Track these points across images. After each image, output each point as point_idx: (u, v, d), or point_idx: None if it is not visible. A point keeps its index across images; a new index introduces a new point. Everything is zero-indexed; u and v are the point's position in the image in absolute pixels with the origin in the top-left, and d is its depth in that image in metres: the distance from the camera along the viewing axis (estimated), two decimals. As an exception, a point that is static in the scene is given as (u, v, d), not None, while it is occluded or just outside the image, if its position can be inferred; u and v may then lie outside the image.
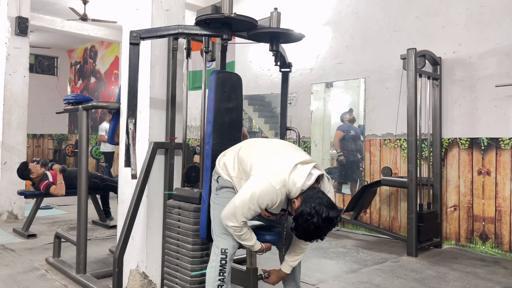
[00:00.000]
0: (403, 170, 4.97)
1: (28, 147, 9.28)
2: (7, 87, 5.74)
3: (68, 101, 3.56)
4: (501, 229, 4.29)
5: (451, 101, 4.68)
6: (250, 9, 6.46)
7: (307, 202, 1.93)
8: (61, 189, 4.82)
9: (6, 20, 5.75)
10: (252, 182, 2.05)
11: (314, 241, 2.00)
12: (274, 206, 2.06)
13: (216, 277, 2.15)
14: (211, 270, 2.17)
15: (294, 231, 1.99)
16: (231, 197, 2.15)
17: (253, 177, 2.06)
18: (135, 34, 2.42)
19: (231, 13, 2.30)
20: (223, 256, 2.15)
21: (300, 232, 1.96)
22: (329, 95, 5.88)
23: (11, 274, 3.46)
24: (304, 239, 2.01)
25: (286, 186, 1.99)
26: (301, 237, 1.99)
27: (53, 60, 12.21)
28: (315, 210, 1.89)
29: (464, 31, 4.60)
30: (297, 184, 1.98)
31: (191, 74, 5.48)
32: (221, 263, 2.15)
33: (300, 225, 1.93)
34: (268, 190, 1.98)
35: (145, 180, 2.89)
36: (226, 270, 2.15)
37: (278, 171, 2.01)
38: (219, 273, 2.14)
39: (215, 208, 2.27)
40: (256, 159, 2.13)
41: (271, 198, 2.00)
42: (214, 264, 2.17)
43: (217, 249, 2.18)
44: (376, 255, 4.26)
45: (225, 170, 2.25)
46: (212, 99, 2.43)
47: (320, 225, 1.89)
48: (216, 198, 2.28)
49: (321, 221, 1.89)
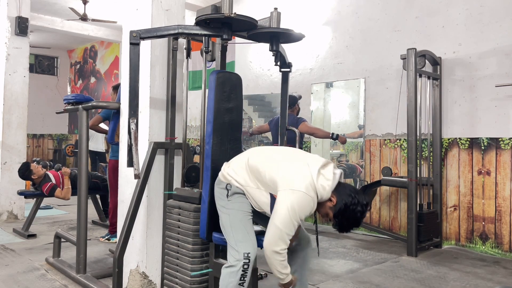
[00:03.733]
0: (403, 170, 4.97)
1: (28, 147, 9.27)
2: (7, 87, 5.74)
3: (68, 101, 3.56)
4: (501, 229, 4.29)
5: (451, 101, 4.68)
6: (250, 9, 6.46)
7: (344, 196, 2.06)
8: (68, 193, 4.83)
9: (6, 20, 5.75)
10: (285, 198, 2.02)
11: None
12: (308, 214, 2.08)
13: (237, 281, 2.07)
14: (231, 274, 2.07)
15: (338, 226, 2.09)
16: (246, 202, 2.19)
17: (284, 193, 2.03)
18: (135, 34, 2.42)
19: (231, 13, 2.30)
20: (246, 261, 2.07)
21: (348, 223, 2.08)
22: (329, 95, 5.88)
23: (11, 274, 3.46)
24: (349, 230, 2.12)
25: (316, 191, 2.04)
26: (349, 227, 2.10)
27: (53, 60, 12.21)
28: (357, 199, 2.05)
29: (464, 31, 4.60)
30: (326, 188, 2.05)
31: (191, 74, 5.49)
32: (244, 267, 2.06)
33: (348, 217, 2.05)
34: (305, 200, 2.01)
35: (145, 180, 2.89)
36: (247, 274, 2.08)
37: (305, 179, 2.04)
38: (240, 278, 2.06)
39: (229, 214, 2.20)
40: (275, 170, 2.12)
41: (310, 206, 2.04)
42: (235, 269, 2.07)
43: (238, 254, 2.08)
44: (376, 255, 4.26)
45: (235, 179, 2.22)
46: (212, 99, 2.43)
47: (364, 210, 2.06)
48: (229, 203, 2.21)
49: (364, 207, 2.06)
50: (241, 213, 2.20)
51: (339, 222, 2.08)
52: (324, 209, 2.12)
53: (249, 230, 2.19)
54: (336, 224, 2.11)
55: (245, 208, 2.22)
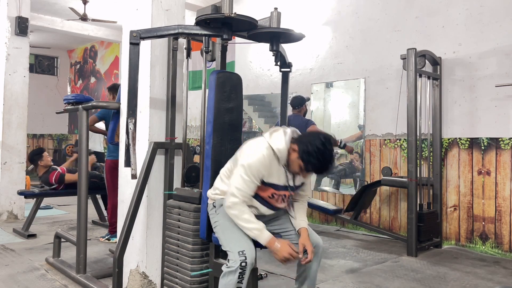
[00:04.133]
0: (403, 170, 4.97)
1: (28, 147, 9.25)
2: (7, 87, 5.74)
3: (68, 101, 3.56)
4: (501, 229, 4.29)
5: (451, 101, 4.68)
6: (250, 9, 6.46)
7: (303, 138, 2.19)
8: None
9: (6, 20, 5.75)
10: (240, 163, 2.18)
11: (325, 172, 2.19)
12: (273, 174, 2.18)
13: (236, 279, 2.03)
14: (229, 273, 2.04)
15: (311, 166, 2.11)
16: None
17: (239, 162, 2.20)
18: (135, 34, 2.42)
19: (231, 13, 2.30)
20: (242, 258, 2.03)
21: (317, 160, 2.08)
22: (329, 95, 5.88)
23: (11, 274, 3.46)
24: (323, 168, 2.13)
25: (271, 148, 2.17)
26: (320, 164, 2.10)
27: (53, 60, 12.21)
28: (314, 136, 2.16)
29: (464, 31, 4.60)
30: (280, 140, 2.18)
31: (191, 74, 5.49)
32: (241, 265, 2.02)
33: (311, 153, 2.08)
34: (256, 158, 2.15)
35: (145, 180, 2.89)
36: (245, 272, 2.03)
37: (257, 144, 2.21)
38: (239, 276, 2.02)
39: (220, 223, 2.24)
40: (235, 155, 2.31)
41: (262, 164, 2.14)
42: (232, 268, 2.04)
43: (233, 254, 2.07)
44: (376, 255, 4.26)
45: (219, 189, 2.30)
46: (212, 99, 2.43)
47: (324, 142, 2.10)
48: (219, 215, 2.26)
49: (324, 139, 2.11)
50: (230, 219, 2.21)
51: (308, 161, 2.10)
52: (293, 163, 2.17)
53: (240, 230, 2.18)
54: (307, 165, 2.12)
55: None
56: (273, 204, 2.29)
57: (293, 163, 2.18)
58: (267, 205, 2.29)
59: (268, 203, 2.28)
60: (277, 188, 2.24)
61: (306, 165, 2.12)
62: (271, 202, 2.28)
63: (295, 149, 2.15)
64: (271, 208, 2.31)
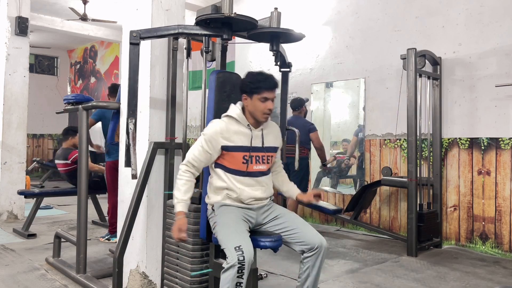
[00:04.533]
0: (403, 170, 4.97)
1: (28, 147, 9.27)
2: (7, 87, 5.74)
3: (68, 101, 3.56)
4: (501, 229, 4.29)
5: (451, 101, 4.68)
6: (250, 9, 6.46)
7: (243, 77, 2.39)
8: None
9: (6, 20, 5.75)
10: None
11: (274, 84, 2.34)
12: (233, 137, 2.27)
13: (234, 274, 1.99)
14: (228, 269, 2.02)
15: (257, 85, 2.28)
16: (232, 208, 2.28)
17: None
18: (135, 34, 2.42)
19: (231, 13, 2.30)
20: (239, 253, 2.00)
21: (257, 76, 2.31)
22: (329, 95, 5.88)
23: (11, 274, 3.46)
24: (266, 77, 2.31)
25: (226, 116, 2.34)
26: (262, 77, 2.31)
27: (53, 60, 12.21)
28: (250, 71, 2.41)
29: (464, 31, 4.60)
30: (233, 107, 2.36)
31: (191, 74, 5.48)
32: (239, 259, 1.99)
33: (252, 76, 2.32)
34: (212, 125, 2.31)
35: (145, 180, 2.89)
36: (244, 267, 2.00)
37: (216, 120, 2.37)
38: (238, 271, 2.00)
39: (218, 223, 2.25)
40: None
41: (219, 128, 2.28)
42: (231, 264, 2.01)
43: (230, 251, 2.04)
44: (376, 255, 4.26)
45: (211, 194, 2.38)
46: (212, 99, 2.43)
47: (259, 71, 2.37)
48: (217, 216, 2.29)
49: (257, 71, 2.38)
50: (228, 218, 2.23)
51: (257, 82, 2.28)
52: (253, 106, 2.30)
53: (238, 228, 2.18)
54: (258, 87, 2.27)
55: (232, 212, 2.27)
56: (251, 169, 2.32)
57: (253, 106, 2.30)
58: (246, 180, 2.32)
59: (246, 173, 2.32)
60: (245, 149, 2.31)
61: (258, 88, 2.27)
62: (249, 169, 2.32)
63: (245, 97, 2.32)
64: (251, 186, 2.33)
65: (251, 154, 2.32)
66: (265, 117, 2.33)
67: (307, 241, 2.25)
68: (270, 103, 2.32)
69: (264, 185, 2.39)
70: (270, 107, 2.31)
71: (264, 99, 2.29)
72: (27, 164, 6.31)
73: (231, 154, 2.29)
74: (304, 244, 2.26)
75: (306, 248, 2.25)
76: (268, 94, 2.30)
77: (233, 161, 2.31)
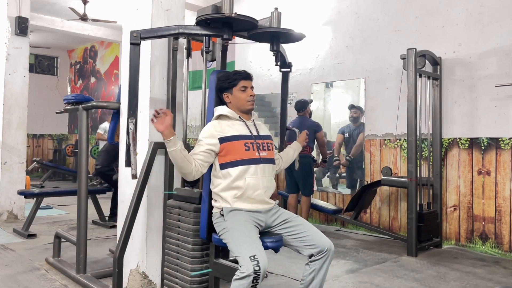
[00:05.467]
0: (403, 170, 4.97)
1: (28, 147, 9.27)
2: (7, 87, 5.74)
3: (68, 101, 3.56)
4: (501, 229, 4.29)
5: (451, 101, 4.68)
6: (250, 9, 6.46)
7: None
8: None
9: (6, 20, 5.75)
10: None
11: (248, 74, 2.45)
12: (227, 129, 2.34)
13: (249, 284, 1.96)
14: (242, 279, 1.98)
15: (236, 77, 2.40)
16: (242, 213, 2.25)
17: None
18: (136, 34, 2.42)
19: (231, 13, 2.30)
20: (255, 262, 1.96)
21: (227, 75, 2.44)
22: (329, 95, 5.88)
23: (11, 274, 3.46)
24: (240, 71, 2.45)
25: (216, 117, 2.41)
26: (238, 71, 2.45)
27: (53, 60, 12.21)
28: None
29: (464, 31, 4.60)
30: (219, 107, 2.42)
31: (191, 74, 5.48)
32: (255, 270, 1.95)
33: (224, 76, 2.44)
34: (207, 127, 2.39)
35: (145, 180, 2.89)
36: (260, 277, 1.96)
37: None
38: (252, 281, 1.96)
39: (229, 229, 2.21)
40: None
41: (213, 127, 2.35)
42: (245, 274, 1.96)
43: (245, 260, 2.00)
44: (376, 255, 4.27)
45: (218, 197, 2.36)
46: (212, 99, 2.44)
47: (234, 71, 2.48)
48: (227, 222, 2.24)
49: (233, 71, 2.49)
50: (240, 224, 2.20)
51: (234, 76, 2.40)
52: (237, 98, 2.40)
53: (251, 236, 2.15)
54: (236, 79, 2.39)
55: (243, 218, 2.24)
56: (256, 156, 2.33)
57: (236, 98, 2.40)
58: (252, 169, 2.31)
59: (251, 160, 2.32)
60: (244, 137, 2.35)
61: (235, 80, 2.38)
62: (252, 156, 2.33)
63: (227, 95, 2.42)
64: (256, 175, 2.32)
65: (252, 141, 2.37)
66: (251, 104, 2.43)
67: (317, 244, 2.24)
68: (250, 90, 2.43)
69: (269, 176, 2.40)
70: (251, 93, 2.43)
71: (244, 87, 2.40)
72: (27, 164, 6.30)
73: (231, 144, 2.31)
74: (314, 247, 2.24)
75: (315, 252, 2.24)
76: (246, 83, 2.41)
77: (235, 151, 2.30)
